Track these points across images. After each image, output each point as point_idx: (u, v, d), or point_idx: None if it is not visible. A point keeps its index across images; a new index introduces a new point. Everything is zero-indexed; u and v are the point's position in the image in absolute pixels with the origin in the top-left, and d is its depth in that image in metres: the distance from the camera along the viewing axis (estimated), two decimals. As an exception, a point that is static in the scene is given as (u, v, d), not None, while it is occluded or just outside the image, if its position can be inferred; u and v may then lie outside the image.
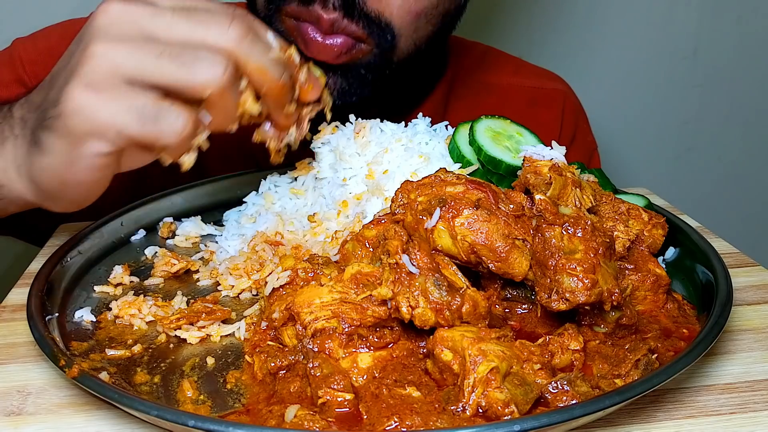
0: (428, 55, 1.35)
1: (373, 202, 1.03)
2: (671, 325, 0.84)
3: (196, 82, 0.80)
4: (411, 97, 1.48)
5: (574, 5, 2.21)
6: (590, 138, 1.72)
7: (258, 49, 0.84)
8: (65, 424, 0.73)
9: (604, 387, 0.70)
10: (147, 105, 0.79)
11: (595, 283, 0.75)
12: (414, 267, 0.77)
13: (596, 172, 1.08)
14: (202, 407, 0.73)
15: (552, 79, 1.69)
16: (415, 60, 1.30)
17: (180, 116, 0.80)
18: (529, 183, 0.89)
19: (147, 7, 0.82)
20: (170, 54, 0.80)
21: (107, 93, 0.79)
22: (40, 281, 0.90)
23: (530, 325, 0.84)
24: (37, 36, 1.46)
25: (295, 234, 1.05)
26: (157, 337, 0.87)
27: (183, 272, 1.03)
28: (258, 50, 0.84)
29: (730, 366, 0.81)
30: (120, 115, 0.79)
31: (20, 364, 0.83)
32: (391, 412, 0.68)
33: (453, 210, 0.81)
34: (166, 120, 0.80)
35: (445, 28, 1.34)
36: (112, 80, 0.79)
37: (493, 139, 1.04)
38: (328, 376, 0.72)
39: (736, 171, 2.50)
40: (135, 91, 0.79)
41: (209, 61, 0.80)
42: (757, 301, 0.95)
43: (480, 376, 0.67)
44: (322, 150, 1.13)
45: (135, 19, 0.81)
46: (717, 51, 2.32)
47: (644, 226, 0.92)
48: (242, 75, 0.84)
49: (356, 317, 0.78)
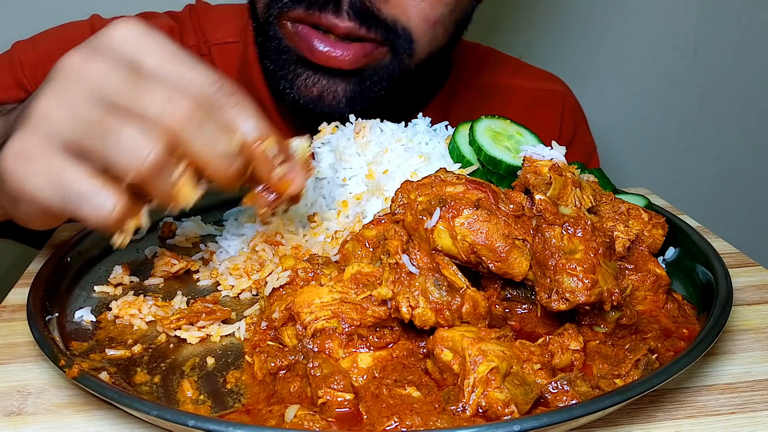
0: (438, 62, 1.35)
1: (373, 202, 1.03)
2: (671, 325, 0.84)
3: (117, 163, 0.72)
4: (414, 102, 1.48)
5: (574, 6, 2.21)
6: (589, 139, 1.73)
7: (205, 135, 0.74)
8: (65, 424, 0.73)
9: (604, 387, 0.70)
10: (74, 183, 0.72)
11: (595, 283, 0.75)
12: (414, 267, 0.77)
13: (596, 172, 1.08)
14: (202, 407, 0.73)
15: (551, 81, 1.69)
16: (428, 67, 1.30)
17: (108, 200, 0.72)
18: (529, 183, 0.89)
19: (105, 63, 0.74)
20: (103, 127, 0.72)
21: (37, 163, 0.73)
22: (40, 281, 0.90)
23: (530, 325, 0.84)
24: (37, 39, 1.46)
25: (295, 234, 1.05)
26: (157, 337, 0.87)
27: (183, 272, 1.03)
28: (205, 136, 0.74)
29: (730, 366, 0.81)
30: (45, 191, 0.73)
31: (20, 364, 0.83)
32: (391, 412, 0.68)
33: (453, 210, 0.81)
34: (92, 203, 0.72)
35: (457, 35, 1.34)
36: (48, 145, 0.73)
37: (493, 139, 1.04)
38: (328, 376, 0.72)
39: (735, 171, 2.50)
40: (67, 163, 0.73)
41: (133, 141, 0.71)
42: (757, 301, 0.95)
43: (480, 376, 0.67)
44: (322, 150, 1.13)
45: (89, 78, 0.74)
46: (717, 51, 2.32)
47: (644, 226, 0.92)
48: (182, 158, 0.74)
49: (356, 317, 0.78)
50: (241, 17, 1.49)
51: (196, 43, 1.51)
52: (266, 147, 0.78)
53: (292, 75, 1.25)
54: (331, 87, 1.23)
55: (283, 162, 0.81)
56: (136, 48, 0.75)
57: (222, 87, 0.76)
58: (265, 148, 0.78)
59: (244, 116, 0.77)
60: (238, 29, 1.52)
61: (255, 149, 0.78)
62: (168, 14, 1.56)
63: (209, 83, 0.75)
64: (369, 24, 1.17)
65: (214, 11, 1.58)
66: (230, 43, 1.51)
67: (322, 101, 1.25)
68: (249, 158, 0.78)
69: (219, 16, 1.56)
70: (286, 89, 1.27)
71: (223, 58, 1.51)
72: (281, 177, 0.81)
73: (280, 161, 0.81)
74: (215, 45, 1.51)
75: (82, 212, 0.73)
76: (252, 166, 0.79)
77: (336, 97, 1.24)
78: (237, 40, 1.51)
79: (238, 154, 0.77)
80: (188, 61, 0.76)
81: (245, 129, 0.76)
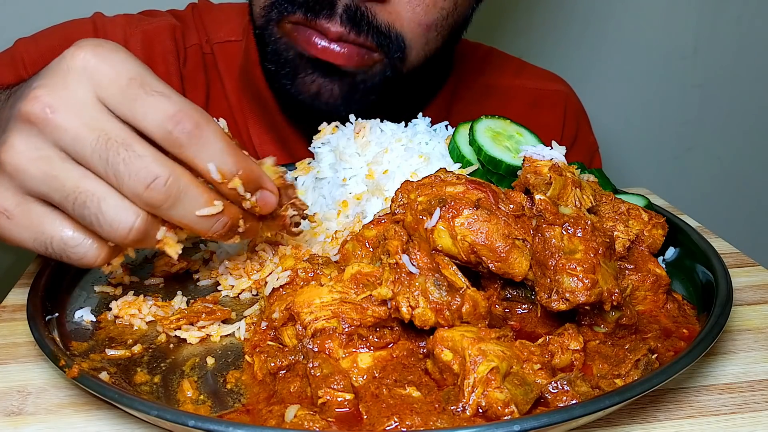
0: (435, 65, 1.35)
1: (373, 202, 1.03)
2: (671, 325, 0.84)
3: (100, 231, 0.73)
4: (415, 102, 1.48)
5: (575, 6, 2.21)
6: (591, 139, 1.73)
7: (183, 205, 0.74)
8: (65, 424, 0.73)
9: (604, 387, 0.70)
10: (55, 236, 0.75)
11: (595, 283, 0.75)
12: (414, 267, 0.77)
13: (596, 172, 1.08)
14: (202, 407, 0.73)
15: (553, 81, 1.69)
16: (423, 71, 1.31)
17: (90, 250, 0.76)
18: (529, 183, 0.89)
19: (69, 115, 0.71)
20: (81, 194, 0.72)
21: (16, 219, 0.75)
22: (40, 281, 0.90)
23: (530, 325, 0.84)
24: (40, 36, 1.46)
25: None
26: (157, 337, 0.87)
27: (183, 272, 1.03)
28: (183, 206, 0.74)
29: (730, 366, 0.81)
30: (29, 243, 0.76)
31: (20, 364, 0.83)
32: (391, 412, 0.68)
33: (453, 210, 0.81)
34: (76, 252, 0.75)
35: (453, 39, 1.34)
36: (24, 200, 0.74)
37: (493, 139, 1.04)
38: (328, 376, 0.72)
39: (735, 171, 2.50)
40: (47, 217, 0.75)
41: (114, 215, 0.72)
42: (757, 301, 0.95)
43: (480, 376, 0.67)
44: (322, 150, 1.13)
45: (57, 134, 0.71)
46: (717, 51, 2.32)
47: (644, 226, 0.92)
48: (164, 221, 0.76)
49: (356, 317, 0.78)
50: (243, 16, 1.49)
51: (198, 42, 1.51)
52: (235, 185, 0.77)
53: (292, 72, 1.26)
54: (328, 85, 1.25)
55: (256, 189, 0.81)
56: (93, 83, 0.72)
57: (180, 122, 0.72)
58: (234, 186, 0.77)
59: (207, 156, 0.75)
60: (240, 27, 1.52)
61: (222, 188, 0.77)
62: (170, 12, 1.56)
63: (168, 119, 0.72)
64: (361, 29, 1.17)
65: (216, 10, 1.58)
66: (233, 41, 1.52)
67: (319, 98, 1.26)
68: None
69: (222, 14, 1.56)
70: (286, 86, 1.28)
71: (225, 56, 1.51)
72: (253, 205, 0.82)
73: (254, 188, 0.81)
74: (218, 43, 1.51)
75: (67, 259, 0.77)
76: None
77: (333, 94, 1.25)
78: (240, 39, 1.51)
79: (220, 213, 0.77)
80: (144, 91, 0.73)
81: (212, 171, 0.75)
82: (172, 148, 0.73)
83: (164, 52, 1.46)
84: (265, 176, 0.83)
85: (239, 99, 1.50)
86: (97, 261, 0.77)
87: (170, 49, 1.46)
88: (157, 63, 1.45)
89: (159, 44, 1.46)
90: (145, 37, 1.45)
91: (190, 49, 1.50)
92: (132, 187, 0.72)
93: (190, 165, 0.75)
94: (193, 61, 1.50)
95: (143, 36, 1.45)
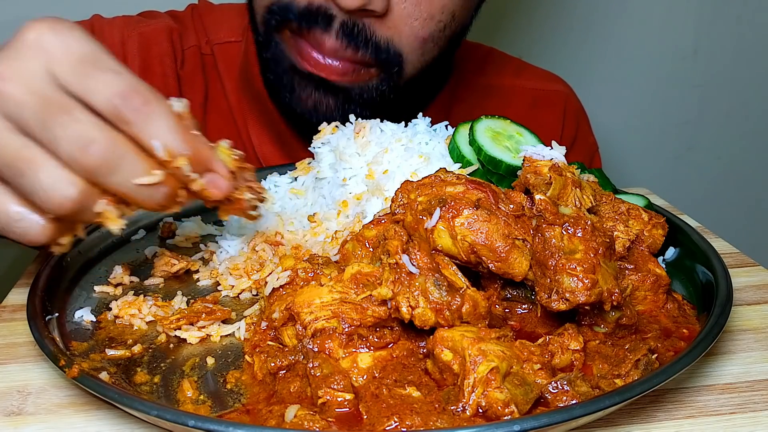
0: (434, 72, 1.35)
1: (373, 202, 1.03)
2: (671, 325, 0.84)
3: (38, 200, 0.72)
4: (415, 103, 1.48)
5: (575, 6, 2.22)
6: (591, 139, 1.73)
7: (122, 172, 0.72)
8: (65, 424, 0.73)
9: (604, 387, 0.70)
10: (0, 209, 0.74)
11: (595, 283, 0.75)
12: (414, 267, 0.77)
13: (596, 172, 1.08)
14: (202, 407, 0.73)
15: (553, 81, 1.69)
16: (421, 79, 1.31)
17: (33, 225, 0.75)
18: (529, 183, 0.89)
19: (18, 85, 0.70)
20: (20, 162, 0.71)
21: None
22: (40, 281, 0.90)
23: (530, 325, 0.84)
24: None
25: (295, 234, 1.05)
26: (157, 337, 0.87)
27: (183, 272, 1.03)
28: (122, 173, 0.72)
29: (730, 366, 0.81)
30: None
31: (20, 364, 0.83)
32: (391, 412, 0.68)
33: (453, 210, 0.81)
34: (20, 226, 0.74)
35: (451, 47, 1.35)
36: None
37: (493, 139, 1.04)
38: (328, 376, 0.72)
39: (735, 171, 2.50)
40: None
41: (51, 182, 0.71)
42: (757, 301, 0.95)
43: (480, 376, 0.67)
44: (322, 150, 1.13)
45: (4, 103, 0.71)
46: (717, 51, 2.33)
47: (644, 226, 0.92)
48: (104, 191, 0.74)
49: (356, 317, 0.78)
50: (243, 17, 1.49)
51: (197, 43, 1.51)
52: (180, 164, 0.75)
53: (290, 86, 1.28)
54: (323, 99, 1.26)
55: (206, 171, 0.79)
56: (46, 57, 0.72)
57: (129, 98, 0.71)
58: (179, 164, 0.75)
59: (154, 133, 0.73)
60: (240, 28, 1.52)
61: (169, 167, 0.75)
62: (169, 14, 1.56)
63: (116, 95, 0.71)
64: (358, 44, 1.17)
65: (216, 10, 1.58)
66: (233, 42, 1.52)
67: (317, 111, 1.28)
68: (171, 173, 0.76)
69: (221, 15, 1.56)
70: (285, 98, 1.30)
71: (225, 57, 1.51)
72: (202, 188, 0.80)
73: (203, 170, 0.79)
74: (217, 44, 1.52)
75: (12, 234, 0.76)
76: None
77: (329, 108, 1.27)
78: (239, 40, 1.51)
79: (160, 181, 0.75)
80: (96, 68, 0.72)
81: (156, 147, 0.73)
82: (119, 124, 0.72)
83: (161, 54, 1.46)
84: (216, 159, 0.81)
85: (239, 99, 1.50)
86: (41, 238, 0.75)
87: (167, 51, 1.47)
88: (154, 65, 1.45)
89: (156, 46, 1.46)
90: (142, 40, 1.46)
91: (188, 50, 1.50)
92: (68, 151, 0.70)
93: (138, 141, 0.73)
94: (191, 62, 1.50)
95: (140, 38, 1.45)
